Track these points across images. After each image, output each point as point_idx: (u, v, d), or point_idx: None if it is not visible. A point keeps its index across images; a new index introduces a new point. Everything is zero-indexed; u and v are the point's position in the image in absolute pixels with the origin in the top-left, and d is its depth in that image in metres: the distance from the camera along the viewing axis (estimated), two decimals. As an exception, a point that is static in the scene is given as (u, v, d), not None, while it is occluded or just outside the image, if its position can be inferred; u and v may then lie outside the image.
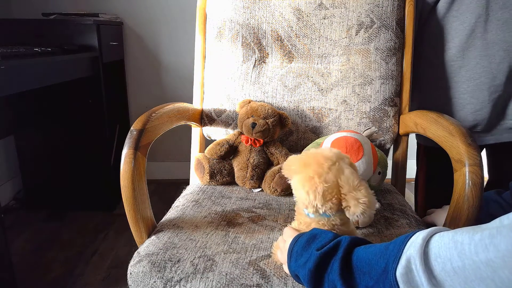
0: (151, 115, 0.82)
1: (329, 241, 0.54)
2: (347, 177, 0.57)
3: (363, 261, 0.50)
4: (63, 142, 1.81)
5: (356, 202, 0.56)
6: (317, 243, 0.55)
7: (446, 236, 0.43)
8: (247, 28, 1.07)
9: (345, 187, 0.57)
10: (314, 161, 0.59)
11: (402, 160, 1.04)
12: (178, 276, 0.63)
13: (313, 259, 0.53)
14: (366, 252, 0.50)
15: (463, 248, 0.40)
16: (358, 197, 0.56)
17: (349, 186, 0.57)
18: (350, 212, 0.57)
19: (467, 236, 0.41)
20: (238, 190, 0.97)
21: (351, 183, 0.57)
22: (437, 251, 0.43)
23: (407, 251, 0.45)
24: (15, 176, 1.94)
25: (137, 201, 0.73)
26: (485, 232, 0.39)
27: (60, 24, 1.66)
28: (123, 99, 2.08)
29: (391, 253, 0.47)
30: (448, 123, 0.78)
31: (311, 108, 1.04)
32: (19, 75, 1.18)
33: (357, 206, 0.55)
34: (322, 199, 0.58)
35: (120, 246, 1.57)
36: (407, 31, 1.04)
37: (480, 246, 0.39)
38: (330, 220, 0.60)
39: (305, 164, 0.60)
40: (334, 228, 0.61)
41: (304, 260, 0.55)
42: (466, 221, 0.68)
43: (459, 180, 0.69)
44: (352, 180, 0.57)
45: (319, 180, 0.58)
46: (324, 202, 0.58)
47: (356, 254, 0.51)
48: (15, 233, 1.65)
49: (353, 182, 0.57)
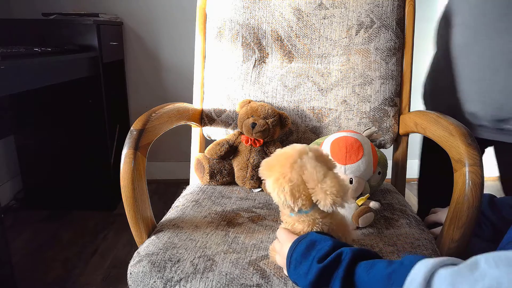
0: (151, 115, 0.81)
1: (330, 250, 0.54)
2: (310, 172, 0.57)
3: (365, 285, 0.49)
4: (63, 142, 1.81)
5: (324, 195, 0.56)
6: (317, 252, 0.55)
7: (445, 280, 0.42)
8: (247, 28, 1.07)
9: (310, 182, 0.57)
10: (277, 162, 0.60)
11: (402, 160, 1.04)
12: (178, 276, 0.63)
13: (314, 272, 0.53)
14: (369, 277, 0.50)
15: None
16: (326, 189, 0.56)
17: (314, 180, 0.57)
18: (321, 205, 0.57)
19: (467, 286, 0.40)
20: (238, 190, 0.97)
21: (315, 177, 0.57)
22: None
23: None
24: (15, 176, 1.94)
25: (137, 201, 0.73)
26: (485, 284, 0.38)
27: (60, 24, 1.66)
28: (123, 99, 2.08)
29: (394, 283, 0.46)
30: (448, 123, 0.78)
31: (311, 108, 1.04)
32: (19, 75, 1.18)
33: (326, 198, 0.55)
34: (291, 197, 0.58)
35: (120, 246, 1.57)
36: (407, 31, 1.04)
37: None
38: (309, 215, 0.61)
39: (271, 167, 0.61)
40: (316, 222, 0.61)
41: (304, 270, 0.54)
42: (466, 221, 0.68)
43: (459, 180, 0.69)
44: (315, 173, 0.57)
45: (283, 180, 0.58)
46: (294, 200, 0.58)
47: (358, 274, 0.51)
48: (15, 233, 1.65)
49: (317, 175, 0.57)
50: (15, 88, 1.20)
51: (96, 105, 1.72)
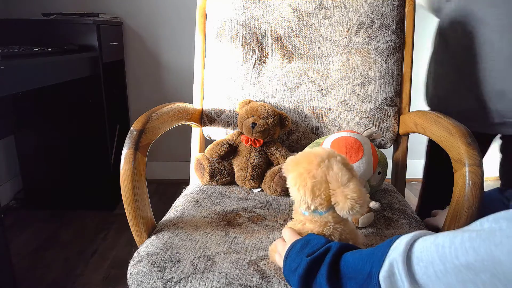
0: (151, 115, 0.81)
1: (321, 246, 0.55)
2: (335, 173, 0.58)
3: (350, 266, 0.50)
4: (63, 142, 1.81)
5: (344, 198, 0.56)
6: (309, 249, 0.55)
7: (428, 240, 0.43)
8: (247, 28, 1.07)
9: (333, 183, 0.58)
10: (305, 159, 0.61)
11: (402, 160, 1.04)
12: (178, 276, 0.63)
13: (303, 265, 0.53)
14: (353, 257, 0.51)
15: (444, 252, 0.40)
16: (346, 193, 0.56)
17: (337, 182, 0.57)
18: (338, 208, 0.57)
19: (448, 239, 0.40)
20: (238, 190, 0.97)
21: (339, 179, 0.57)
22: (419, 254, 0.43)
23: (390, 255, 0.45)
24: (15, 176, 1.94)
25: (137, 201, 0.73)
26: (465, 235, 0.39)
27: (60, 24, 1.66)
28: (123, 99, 2.08)
29: (375, 258, 0.47)
30: (448, 123, 0.78)
31: (311, 108, 1.04)
32: (19, 75, 1.18)
33: (345, 201, 0.56)
34: (311, 194, 0.58)
35: (120, 246, 1.57)
36: (407, 31, 1.04)
37: (460, 250, 0.39)
38: (322, 217, 0.61)
39: (297, 163, 0.61)
40: (328, 226, 0.61)
41: (295, 265, 0.55)
42: (466, 221, 0.67)
43: (459, 180, 0.69)
44: (340, 176, 0.58)
45: (308, 176, 0.59)
46: (313, 197, 0.58)
47: (344, 260, 0.51)
48: (15, 233, 1.65)
49: (342, 178, 0.57)
50: (15, 88, 1.20)
51: (96, 105, 1.72)
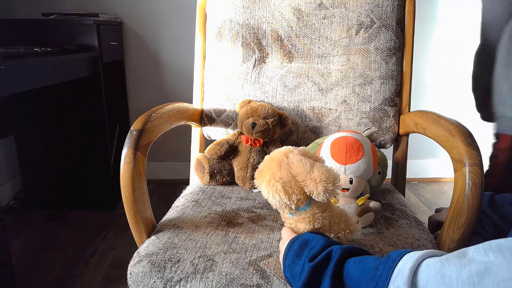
0: (151, 115, 0.81)
1: (321, 249, 0.54)
2: (296, 165, 0.59)
3: (353, 279, 0.49)
4: (63, 142, 1.81)
5: (315, 184, 0.56)
6: (308, 251, 0.55)
7: (433, 268, 0.42)
8: (247, 28, 1.07)
9: (300, 175, 0.58)
10: (266, 167, 0.62)
11: (402, 160, 1.04)
12: (178, 276, 0.63)
13: (306, 271, 0.53)
14: (357, 270, 0.50)
15: (451, 284, 0.39)
16: (315, 178, 0.57)
17: (302, 173, 0.58)
18: (315, 195, 0.57)
19: (455, 271, 0.40)
20: (238, 190, 0.97)
21: (303, 169, 0.58)
22: (424, 283, 0.42)
23: (394, 280, 0.45)
24: (15, 176, 1.94)
25: (137, 201, 0.73)
26: (473, 268, 0.38)
27: (60, 24, 1.65)
28: (123, 99, 2.07)
29: (380, 277, 0.46)
30: (448, 123, 0.78)
31: (311, 108, 1.04)
32: (19, 75, 1.18)
33: (317, 186, 0.56)
34: (285, 195, 0.59)
35: (120, 246, 1.57)
36: (407, 31, 1.04)
37: (468, 284, 0.38)
38: (307, 212, 0.61)
39: (261, 173, 0.62)
40: (317, 218, 0.61)
41: (298, 270, 0.55)
42: (466, 221, 0.68)
43: (459, 180, 0.69)
44: (302, 165, 0.58)
45: (274, 180, 0.59)
46: (289, 196, 0.59)
47: (347, 269, 0.51)
48: (15, 233, 1.65)
49: (304, 167, 0.58)
50: (15, 88, 1.20)
51: (96, 105, 1.72)
